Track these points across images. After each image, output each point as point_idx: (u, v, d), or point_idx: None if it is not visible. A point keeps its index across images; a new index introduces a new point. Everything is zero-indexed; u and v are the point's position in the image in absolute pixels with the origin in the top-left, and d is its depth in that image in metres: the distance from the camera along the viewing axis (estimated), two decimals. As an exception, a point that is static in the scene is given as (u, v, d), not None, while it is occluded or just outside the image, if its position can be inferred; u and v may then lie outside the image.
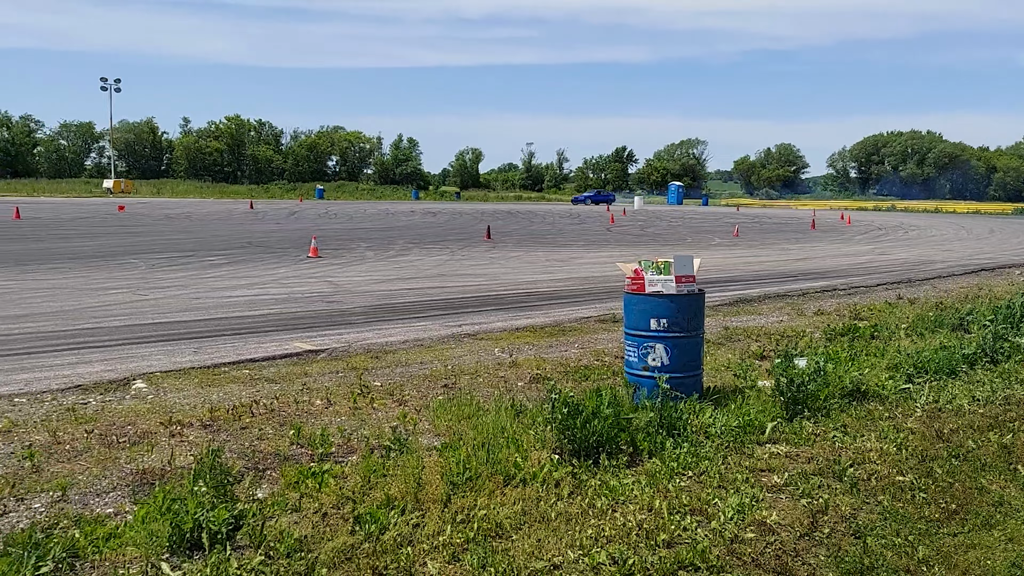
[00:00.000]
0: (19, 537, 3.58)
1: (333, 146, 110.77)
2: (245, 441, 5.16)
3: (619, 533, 3.80)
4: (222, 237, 25.13)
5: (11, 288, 12.65)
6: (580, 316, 10.94)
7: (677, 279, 6.02)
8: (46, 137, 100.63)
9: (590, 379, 6.93)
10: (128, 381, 6.76)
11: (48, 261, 16.78)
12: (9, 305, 10.95)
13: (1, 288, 12.65)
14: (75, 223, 30.37)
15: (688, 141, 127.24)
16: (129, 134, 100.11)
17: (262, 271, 16.01)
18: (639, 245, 26.52)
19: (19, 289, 12.55)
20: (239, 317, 10.42)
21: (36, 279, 13.86)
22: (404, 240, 25.76)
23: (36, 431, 5.25)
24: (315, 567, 3.47)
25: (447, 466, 4.42)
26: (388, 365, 7.60)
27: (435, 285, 14.53)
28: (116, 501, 4.19)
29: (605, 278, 16.20)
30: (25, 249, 19.49)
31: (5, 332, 9.00)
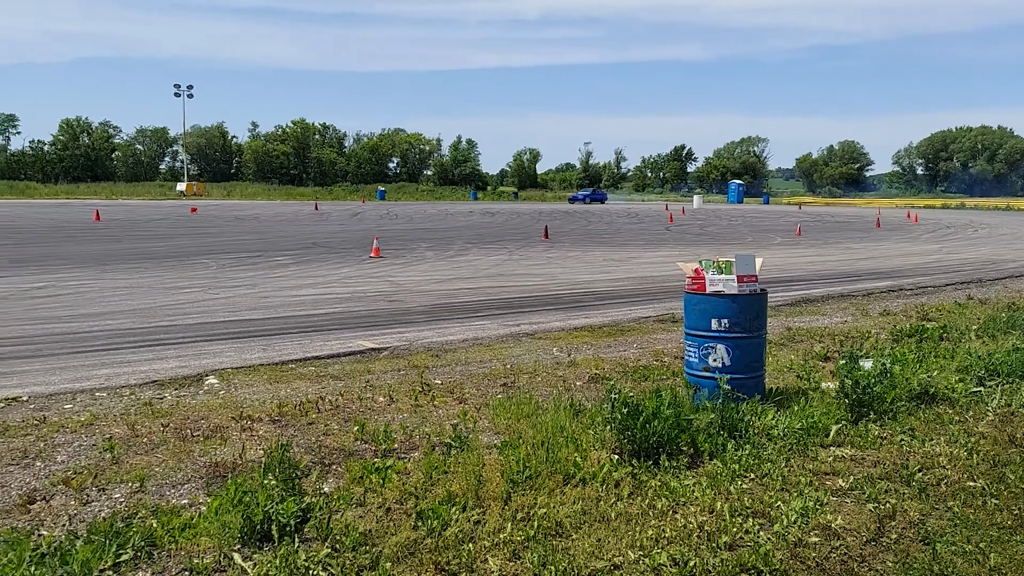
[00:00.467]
0: (101, 526, 3.76)
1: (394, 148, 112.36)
2: (312, 436, 5.30)
3: (680, 534, 3.79)
4: (288, 238, 25.77)
5: (92, 287, 13.26)
6: (638, 316, 10.88)
7: (739, 279, 5.95)
8: (123, 142, 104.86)
9: (649, 379, 6.90)
10: (201, 377, 7.02)
11: (126, 261, 17.51)
12: (90, 303, 11.49)
13: (83, 287, 13.28)
14: (150, 225, 31.55)
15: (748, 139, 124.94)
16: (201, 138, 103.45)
17: (326, 271, 16.38)
18: (698, 244, 26.18)
19: (100, 288, 13.15)
20: (305, 316, 10.69)
21: (115, 278, 14.49)
22: (463, 240, 25.98)
23: (116, 424, 5.50)
24: (379, 561, 3.55)
25: (507, 464, 4.47)
26: (448, 363, 7.70)
27: (493, 285, 14.63)
28: (190, 493, 4.36)
29: (664, 278, 16.06)
30: (105, 249, 20.36)
31: (87, 329, 9.45)
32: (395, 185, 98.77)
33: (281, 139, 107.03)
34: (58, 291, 12.74)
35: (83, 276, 14.76)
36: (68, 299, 11.90)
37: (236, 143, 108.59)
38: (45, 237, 24.92)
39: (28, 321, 9.92)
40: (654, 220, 42.41)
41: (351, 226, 33.04)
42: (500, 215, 46.34)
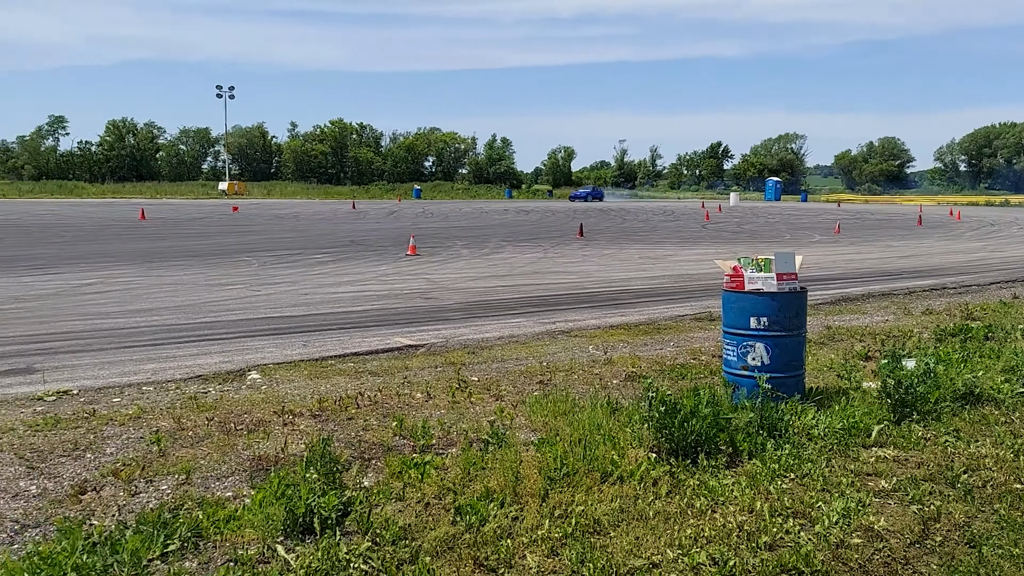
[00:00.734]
0: (149, 516, 3.86)
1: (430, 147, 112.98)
2: (351, 431, 5.38)
3: (719, 534, 3.77)
4: (327, 236, 26.11)
5: (139, 284, 13.60)
6: (675, 314, 10.83)
7: (778, 276, 5.88)
8: (167, 142, 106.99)
9: (687, 378, 6.87)
10: (244, 372, 7.17)
11: (171, 259, 17.91)
12: (138, 299, 11.78)
13: (131, 284, 13.63)
14: (194, 223, 32.18)
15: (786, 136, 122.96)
16: (242, 139, 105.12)
17: (364, 268, 16.57)
18: (735, 242, 25.92)
19: (146, 285, 13.48)
20: (344, 312, 10.84)
21: (160, 275, 14.84)
22: (498, 238, 26.05)
23: (162, 417, 5.64)
24: (419, 555, 3.58)
25: (544, 461, 4.49)
26: (484, 360, 7.74)
27: (529, 282, 14.66)
28: (235, 485, 4.45)
29: (700, 276, 15.94)
30: (150, 247, 20.85)
31: (134, 325, 9.69)
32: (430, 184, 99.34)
33: (319, 139, 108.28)
34: (107, 287, 13.09)
35: (130, 273, 15.14)
36: (116, 295, 12.22)
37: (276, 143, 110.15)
38: (94, 235, 25.58)
39: (78, 317, 10.21)
40: (690, 218, 42.06)
41: (388, 224, 33.33)
42: (535, 213, 46.35)
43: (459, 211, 47.99)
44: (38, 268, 15.85)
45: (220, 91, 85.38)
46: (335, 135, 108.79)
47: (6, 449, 4.91)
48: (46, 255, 18.59)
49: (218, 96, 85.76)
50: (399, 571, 3.43)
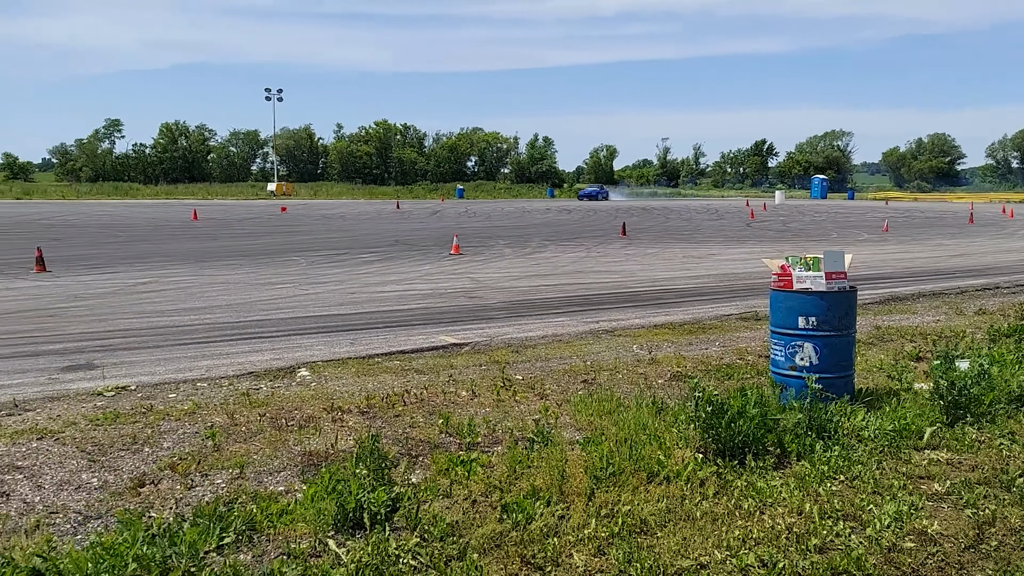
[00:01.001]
0: (206, 509, 3.96)
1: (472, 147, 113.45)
2: (398, 428, 5.45)
3: (767, 536, 3.74)
4: (372, 235, 26.43)
5: (193, 283, 13.96)
6: (720, 313, 10.73)
7: (827, 275, 5.80)
8: (218, 145, 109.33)
9: (733, 378, 6.81)
10: (294, 369, 7.31)
11: (222, 258, 18.33)
12: (191, 298, 12.10)
13: (185, 283, 14.00)
14: (243, 223, 32.85)
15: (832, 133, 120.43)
16: (289, 140, 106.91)
17: (409, 267, 16.74)
18: (781, 241, 25.53)
19: (199, 284, 13.84)
20: (389, 311, 10.98)
21: (212, 274, 15.21)
22: (540, 237, 26.07)
23: (216, 413, 5.79)
24: (466, 551, 3.62)
25: (590, 460, 4.50)
26: (528, 359, 7.78)
27: (571, 281, 14.65)
28: (286, 480, 4.56)
29: (746, 275, 15.75)
30: (203, 247, 21.37)
31: (189, 323, 9.96)
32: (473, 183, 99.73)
33: (364, 140, 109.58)
34: (162, 286, 13.47)
35: (184, 272, 15.55)
36: (171, 294, 12.57)
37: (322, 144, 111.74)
38: (148, 235, 26.29)
39: (135, 315, 10.53)
40: (734, 216, 41.53)
41: (431, 224, 33.58)
42: (577, 212, 46.24)
43: (501, 211, 48.11)
44: (96, 267, 16.37)
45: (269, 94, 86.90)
46: (379, 136, 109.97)
47: (68, 443, 5.09)
48: (103, 255, 19.18)
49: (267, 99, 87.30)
50: (447, 567, 3.47)
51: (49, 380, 6.90)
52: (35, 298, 11.99)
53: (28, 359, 7.75)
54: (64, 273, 15.18)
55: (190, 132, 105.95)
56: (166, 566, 3.41)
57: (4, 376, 7.02)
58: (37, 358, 7.78)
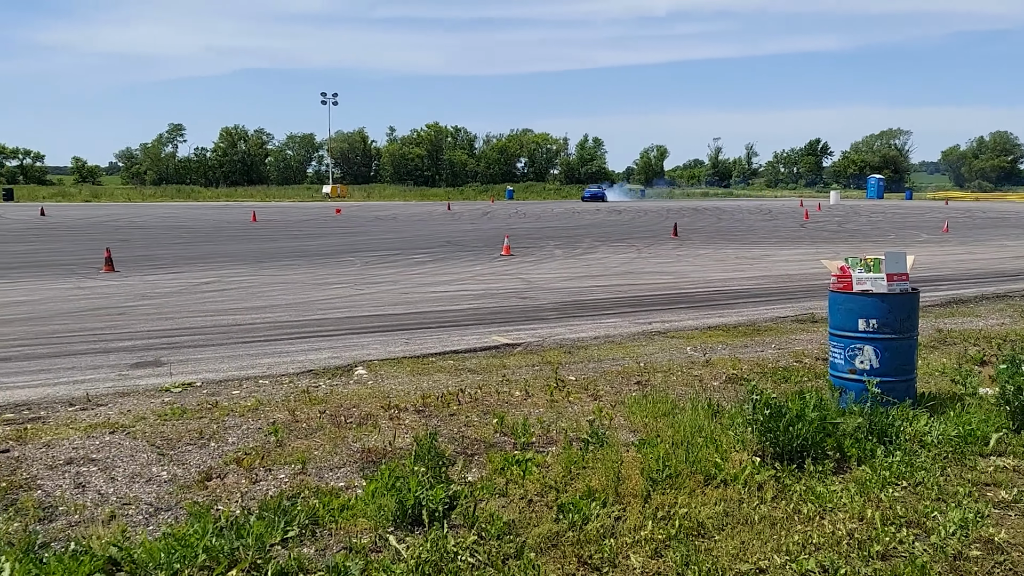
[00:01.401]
0: (270, 503, 4.08)
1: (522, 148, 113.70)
2: (454, 427, 5.53)
3: (828, 541, 3.70)
4: (424, 236, 26.70)
5: (253, 283, 14.35)
6: (775, 315, 10.57)
7: (888, 277, 5.69)
8: (275, 148, 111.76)
9: (790, 381, 6.72)
10: (351, 368, 7.47)
11: (281, 259, 18.77)
12: (252, 297, 12.44)
13: (246, 282, 14.39)
14: (300, 225, 33.53)
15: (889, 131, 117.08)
16: (344, 143, 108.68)
17: (461, 268, 16.88)
18: (836, 242, 24.99)
19: (259, 283, 14.21)
20: (442, 311, 11.11)
21: (272, 274, 15.59)
22: (591, 238, 26.01)
23: (278, 410, 5.95)
24: (523, 550, 3.65)
25: (646, 462, 4.50)
26: (580, 360, 7.79)
27: (623, 282, 14.60)
28: (346, 476, 4.66)
29: (800, 276, 15.48)
30: (262, 248, 21.89)
31: (250, 321, 10.25)
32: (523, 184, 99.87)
33: (416, 142, 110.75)
34: (224, 286, 13.86)
35: (245, 272, 15.98)
36: (233, 293, 12.93)
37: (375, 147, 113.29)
38: (210, 236, 27.03)
39: (199, 313, 10.86)
40: (788, 217, 40.79)
41: (482, 225, 33.77)
42: (627, 213, 45.96)
43: (551, 211, 48.11)
44: (162, 267, 16.91)
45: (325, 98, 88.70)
46: (431, 138, 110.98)
47: (139, 437, 5.30)
48: (168, 255, 19.79)
49: (323, 103, 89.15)
50: (505, 565, 3.51)
51: (120, 376, 7.18)
52: (105, 297, 12.45)
53: (100, 355, 8.07)
54: (131, 273, 15.71)
55: (249, 136, 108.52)
56: (234, 558, 3.52)
57: (78, 372, 7.32)
58: (108, 355, 8.10)
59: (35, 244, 23.53)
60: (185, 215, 42.03)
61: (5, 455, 4.93)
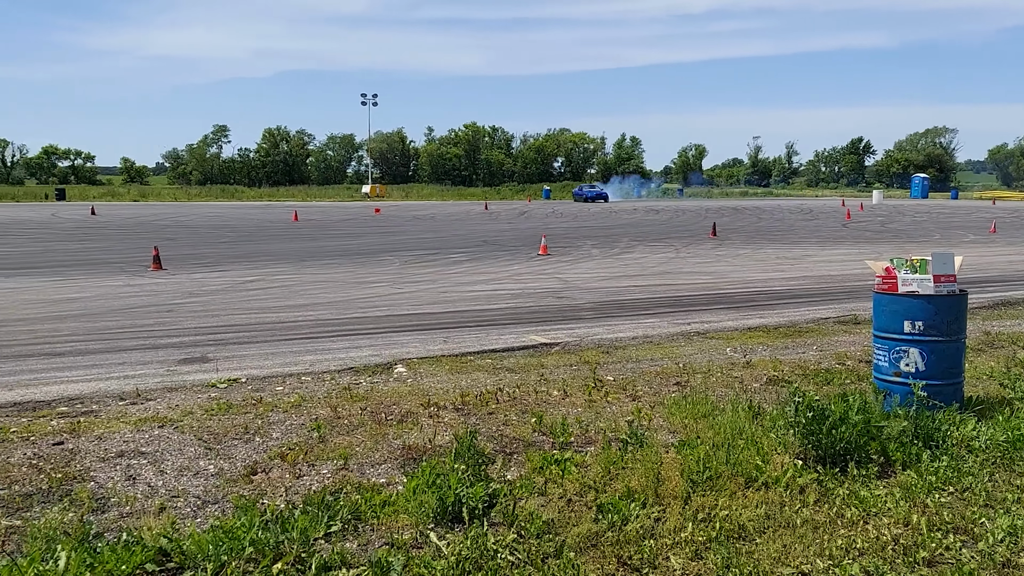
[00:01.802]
0: (314, 498, 4.16)
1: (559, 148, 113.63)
2: (492, 425, 5.56)
3: (872, 546, 3.65)
4: (461, 236, 26.85)
5: (295, 281, 14.59)
6: (817, 317, 10.44)
7: (935, 278, 5.58)
8: (316, 148, 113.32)
9: (832, 383, 6.63)
10: (391, 365, 7.56)
11: (322, 258, 19.05)
12: (295, 295, 12.66)
13: (288, 281, 14.65)
14: (340, 224, 33.94)
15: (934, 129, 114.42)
16: (383, 143, 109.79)
17: (498, 267, 16.94)
18: (879, 242, 24.53)
19: (301, 282, 14.44)
20: (480, 310, 11.17)
21: (313, 273, 15.84)
22: (628, 238, 25.89)
23: (320, 406, 6.04)
24: (563, 550, 3.66)
25: (686, 464, 4.48)
26: (619, 360, 7.77)
27: (661, 283, 14.52)
28: (387, 472, 4.72)
29: (842, 277, 15.25)
30: (303, 247, 22.23)
31: (293, 319, 10.43)
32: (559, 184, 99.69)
33: (454, 142, 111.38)
34: (268, 284, 14.13)
35: (287, 271, 16.26)
36: (276, 291, 13.18)
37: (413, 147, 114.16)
38: (253, 235, 27.51)
39: (244, 311, 11.09)
40: (829, 216, 40.14)
41: (519, 224, 33.82)
42: (665, 212, 45.63)
43: (588, 211, 47.98)
44: (207, 265, 17.27)
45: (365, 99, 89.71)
46: (468, 138, 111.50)
47: (187, 431, 5.43)
48: (214, 254, 20.20)
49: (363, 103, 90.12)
50: (544, 564, 3.52)
51: (168, 372, 7.36)
52: (153, 294, 12.76)
53: (149, 351, 8.28)
54: (179, 271, 16.07)
55: (291, 137, 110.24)
56: (279, 551, 3.59)
57: (128, 367, 7.52)
58: (156, 351, 8.31)
59: (87, 242, 24.19)
60: (229, 214, 42.78)
61: (60, 447, 5.10)
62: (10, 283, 14.18)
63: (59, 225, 32.85)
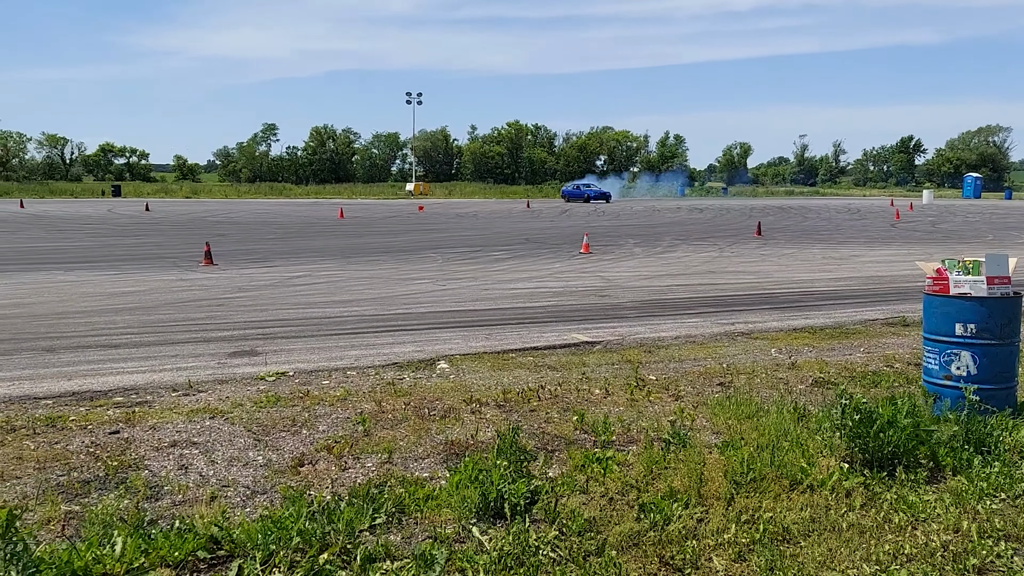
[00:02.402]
0: (359, 490, 4.23)
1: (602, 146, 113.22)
2: (534, 423, 5.59)
3: (920, 552, 3.59)
4: (503, 234, 26.93)
5: (340, 277, 14.82)
6: (864, 318, 10.25)
7: (988, 280, 5.45)
8: (361, 147, 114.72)
9: (880, 386, 6.51)
10: (433, 361, 7.63)
11: (366, 254, 19.29)
12: (340, 291, 12.86)
13: (334, 276, 14.88)
14: (384, 222, 34.29)
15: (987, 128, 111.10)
16: (427, 142, 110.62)
17: (540, 265, 16.96)
18: (929, 243, 23.94)
19: (346, 278, 14.66)
20: (522, 308, 11.20)
21: (358, 269, 16.06)
22: (671, 237, 25.69)
23: (364, 400, 6.14)
24: (604, 548, 3.66)
25: (729, 465, 4.46)
26: (661, 360, 7.74)
27: (704, 282, 14.39)
28: (430, 467, 4.78)
29: (891, 278, 14.95)
30: (348, 244, 22.55)
31: (338, 314, 10.59)
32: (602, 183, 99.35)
33: (496, 140, 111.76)
34: (314, 280, 14.37)
35: (333, 267, 16.51)
36: (322, 287, 13.40)
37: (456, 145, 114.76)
38: (301, 232, 27.97)
39: (291, 306, 11.30)
40: (877, 216, 39.28)
41: (560, 222, 33.77)
42: (708, 211, 45.13)
43: (630, 210, 47.68)
44: (256, 261, 17.62)
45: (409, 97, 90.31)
46: (511, 136, 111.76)
47: (237, 422, 5.57)
48: (262, 250, 20.59)
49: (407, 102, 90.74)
50: (586, 562, 3.53)
51: (219, 364, 7.54)
52: (205, 289, 13.06)
53: (200, 344, 8.49)
54: (229, 266, 16.42)
55: (337, 135, 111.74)
56: (325, 541, 3.66)
57: (181, 360, 7.73)
58: (208, 344, 8.52)
59: (141, 238, 24.85)
60: (277, 211, 43.51)
61: (116, 436, 5.27)
62: (71, 276, 14.66)
63: (115, 221, 33.79)
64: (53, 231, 27.05)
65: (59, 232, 26.60)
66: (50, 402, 6.15)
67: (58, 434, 5.29)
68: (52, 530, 3.83)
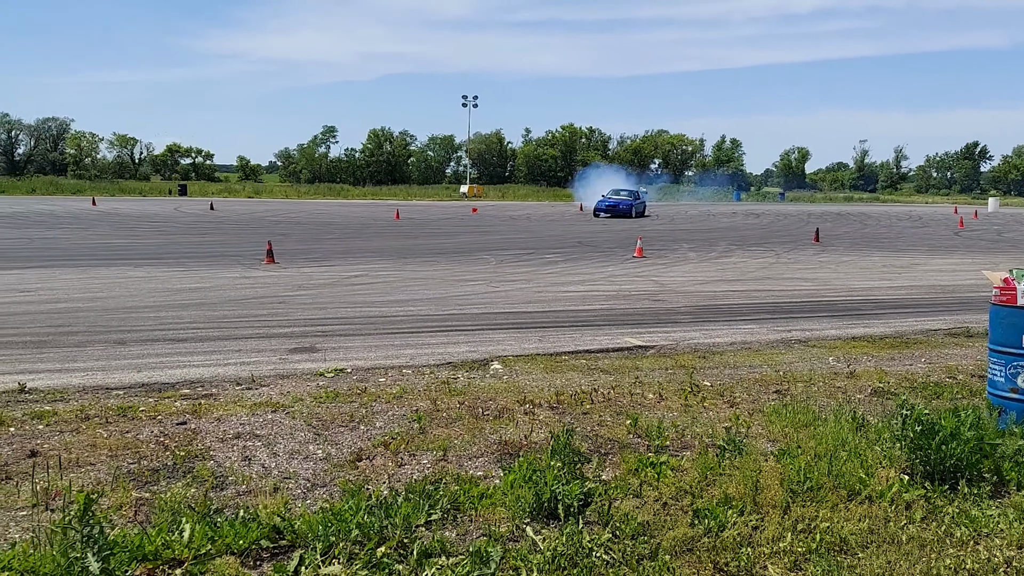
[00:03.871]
0: (416, 486, 4.31)
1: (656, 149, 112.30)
2: (587, 425, 5.62)
3: (983, 568, 3.51)
4: (556, 236, 26.96)
5: (396, 277, 15.05)
6: (925, 328, 10.00)
7: (1060, 292, 5.29)
8: (417, 149, 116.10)
9: (942, 397, 6.36)
10: (487, 362, 7.71)
11: (421, 255, 19.53)
12: (396, 291, 13.07)
13: (390, 277, 15.12)
14: (439, 223, 34.60)
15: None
16: (481, 144, 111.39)
17: (592, 269, 16.94)
18: (994, 252, 23.14)
19: (402, 278, 14.87)
20: (574, 311, 11.22)
21: (413, 270, 16.28)
22: (726, 242, 25.36)
23: (420, 398, 6.25)
24: (658, 552, 3.65)
25: (785, 473, 4.42)
26: (715, 366, 7.68)
27: (760, 288, 14.19)
28: (484, 466, 4.85)
29: (954, 287, 14.53)
30: (404, 245, 22.84)
31: (394, 314, 10.78)
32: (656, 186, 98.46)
33: (550, 143, 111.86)
34: (371, 280, 14.61)
35: (389, 267, 16.77)
36: (378, 287, 13.64)
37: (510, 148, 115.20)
38: (358, 232, 28.44)
39: (350, 305, 11.53)
40: (940, 224, 38.12)
41: (614, 226, 33.60)
42: (765, 216, 44.38)
43: (685, 214, 47.18)
44: (316, 260, 17.98)
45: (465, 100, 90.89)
46: (565, 139, 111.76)
47: (297, 416, 5.73)
48: (322, 249, 20.99)
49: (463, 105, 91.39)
50: (639, 565, 3.54)
51: (280, 360, 7.75)
52: (267, 286, 13.40)
53: (263, 340, 8.74)
54: (289, 265, 16.79)
55: (394, 137, 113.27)
56: (383, 535, 3.75)
57: (245, 355, 7.97)
58: (269, 340, 8.75)
59: (206, 236, 25.56)
60: (336, 212, 44.23)
61: (183, 427, 5.48)
62: (140, 272, 15.19)
63: (181, 219, 34.80)
64: (123, 228, 28.02)
65: (128, 229, 27.55)
66: (121, 392, 6.41)
67: (129, 423, 5.52)
68: (124, 515, 4.01)
